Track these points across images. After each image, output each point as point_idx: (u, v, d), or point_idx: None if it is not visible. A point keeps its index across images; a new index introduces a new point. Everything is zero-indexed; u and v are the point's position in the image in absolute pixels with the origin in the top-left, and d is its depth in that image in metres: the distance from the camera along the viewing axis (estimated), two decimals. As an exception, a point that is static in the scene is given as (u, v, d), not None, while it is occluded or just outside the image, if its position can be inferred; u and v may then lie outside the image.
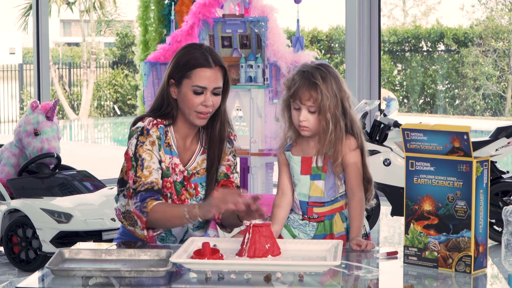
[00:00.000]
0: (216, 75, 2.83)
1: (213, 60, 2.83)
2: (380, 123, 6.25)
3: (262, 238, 2.45)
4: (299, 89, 2.75)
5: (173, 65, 2.87)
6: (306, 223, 2.85)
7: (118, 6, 22.98)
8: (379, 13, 8.19)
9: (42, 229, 5.26)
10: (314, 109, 2.76)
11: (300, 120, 2.77)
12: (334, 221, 2.84)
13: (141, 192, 2.77)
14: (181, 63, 2.84)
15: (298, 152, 2.85)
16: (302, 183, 2.83)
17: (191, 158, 2.91)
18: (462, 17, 20.64)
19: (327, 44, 17.47)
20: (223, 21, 5.95)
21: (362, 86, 8.14)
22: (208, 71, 2.81)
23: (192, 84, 2.81)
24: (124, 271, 2.33)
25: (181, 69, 2.83)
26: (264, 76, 5.92)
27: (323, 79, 2.75)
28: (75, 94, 21.24)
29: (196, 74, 2.81)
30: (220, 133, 2.91)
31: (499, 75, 14.86)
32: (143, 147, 2.80)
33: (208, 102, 2.81)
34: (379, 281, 2.37)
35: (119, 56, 21.64)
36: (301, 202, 2.85)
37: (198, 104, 2.81)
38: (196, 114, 2.83)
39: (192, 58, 2.82)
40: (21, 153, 6.04)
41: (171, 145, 2.87)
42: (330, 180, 2.82)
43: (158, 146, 2.83)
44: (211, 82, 2.82)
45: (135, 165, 2.80)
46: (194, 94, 2.81)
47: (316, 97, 2.74)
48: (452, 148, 2.39)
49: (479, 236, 2.40)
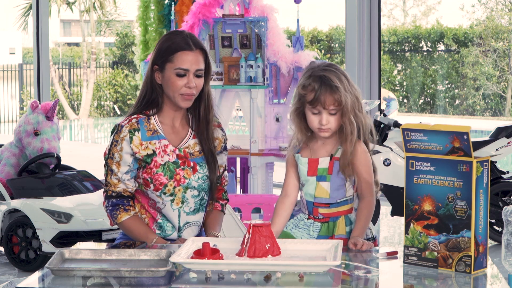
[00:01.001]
0: (197, 57, 2.91)
1: (194, 43, 2.92)
2: (380, 123, 6.25)
3: (262, 238, 2.45)
4: (321, 95, 2.76)
5: (156, 52, 2.96)
6: (311, 223, 2.86)
7: (118, 6, 23.00)
8: (379, 13, 8.19)
9: (42, 229, 5.26)
10: (335, 111, 2.78)
11: (323, 124, 2.79)
12: (338, 223, 2.84)
13: (111, 199, 2.95)
14: (163, 48, 2.93)
15: (307, 154, 2.88)
16: (309, 183, 2.85)
17: (182, 141, 2.98)
18: (462, 17, 20.67)
19: (327, 44, 17.48)
20: (223, 21, 5.96)
21: (362, 86, 8.14)
22: (190, 53, 2.90)
23: (175, 67, 2.90)
24: (124, 271, 2.33)
25: (163, 54, 2.92)
26: (264, 76, 5.93)
27: (340, 81, 2.78)
28: (75, 94, 21.25)
29: (178, 57, 2.90)
30: (205, 115, 3.00)
31: (499, 75, 14.87)
32: (117, 147, 2.91)
33: (191, 83, 2.89)
34: (379, 281, 2.37)
35: (119, 56, 21.65)
36: (307, 202, 2.87)
37: (182, 86, 2.90)
38: (181, 96, 2.91)
39: (173, 43, 2.92)
40: (21, 153, 6.04)
41: (156, 130, 2.94)
42: (336, 181, 2.83)
43: (129, 139, 2.90)
44: (193, 64, 2.90)
45: (107, 168, 2.95)
46: (177, 76, 2.90)
47: (339, 100, 2.76)
48: (452, 148, 2.39)
49: (479, 236, 2.40)
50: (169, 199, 2.93)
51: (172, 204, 2.94)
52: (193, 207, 2.98)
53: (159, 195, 2.92)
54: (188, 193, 2.95)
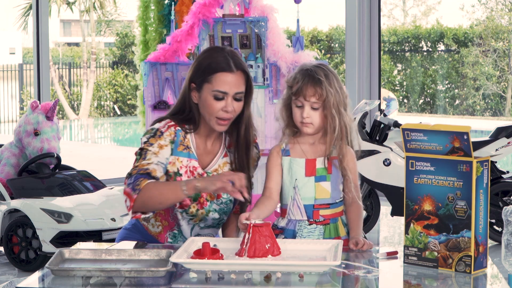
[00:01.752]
0: (237, 79, 2.76)
1: (235, 64, 2.76)
2: (380, 123, 6.25)
3: (262, 238, 2.45)
4: (303, 86, 2.76)
5: (194, 69, 2.80)
6: (315, 228, 2.81)
7: (118, 6, 23.00)
8: (379, 13, 8.20)
9: (42, 229, 5.26)
10: (318, 106, 2.77)
11: (304, 117, 2.77)
12: (339, 225, 2.84)
13: (136, 175, 2.70)
14: (202, 67, 2.77)
15: (300, 155, 2.84)
16: (306, 186, 2.80)
17: (211, 161, 2.87)
18: (462, 17, 20.65)
19: (327, 44, 17.47)
20: (223, 21, 5.95)
21: (362, 86, 8.15)
22: (230, 75, 2.75)
23: (213, 89, 2.74)
24: (124, 271, 2.33)
25: (202, 73, 2.76)
26: (264, 76, 5.92)
27: (326, 76, 2.77)
28: (75, 94, 21.24)
29: (217, 78, 2.74)
30: (246, 138, 2.86)
31: (499, 75, 14.86)
32: (150, 148, 2.75)
33: (229, 107, 2.75)
34: (379, 281, 2.37)
35: (119, 56, 21.64)
36: (306, 206, 2.81)
37: (219, 110, 2.75)
38: (216, 120, 2.77)
39: (213, 62, 2.75)
40: (21, 153, 6.04)
41: (189, 147, 2.82)
42: (335, 181, 2.82)
43: (170, 150, 2.77)
44: (232, 87, 2.75)
45: (138, 158, 2.75)
46: (215, 99, 2.74)
47: (321, 92, 2.75)
48: (452, 148, 2.39)
49: (479, 236, 2.40)
50: (188, 217, 2.88)
51: (189, 221, 2.89)
52: (210, 224, 2.92)
53: (181, 213, 2.86)
54: (209, 215, 2.88)
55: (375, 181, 6.14)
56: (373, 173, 6.13)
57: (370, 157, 6.15)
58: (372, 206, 6.29)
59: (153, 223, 2.91)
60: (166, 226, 2.90)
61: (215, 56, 2.78)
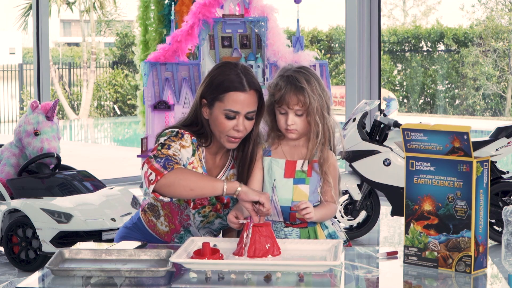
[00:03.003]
0: (250, 99, 2.72)
1: (248, 83, 2.71)
2: (380, 123, 6.25)
3: (262, 238, 2.45)
4: (286, 94, 2.73)
5: (206, 85, 2.76)
6: (291, 230, 2.79)
7: (118, 6, 23.00)
8: (379, 13, 8.20)
9: (42, 229, 5.26)
10: (301, 112, 2.75)
11: (288, 124, 2.76)
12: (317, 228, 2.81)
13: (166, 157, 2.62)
14: (214, 83, 2.72)
15: (281, 156, 2.82)
16: (284, 187, 2.78)
17: (219, 174, 2.85)
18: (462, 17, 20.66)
19: (327, 44, 17.47)
20: (223, 21, 5.96)
21: (362, 86, 8.15)
22: (242, 95, 2.70)
23: (225, 108, 2.70)
24: (124, 271, 2.33)
25: (214, 90, 2.72)
26: (264, 76, 5.93)
27: (308, 82, 2.74)
28: (75, 94, 21.24)
29: (229, 98, 2.70)
30: (251, 155, 2.83)
31: (499, 75, 14.86)
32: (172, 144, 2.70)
33: (240, 127, 2.72)
34: (379, 281, 2.37)
35: (119, 56, 21.64)
36: (282, 207, 2.78)
37: (230, 129, 2.72)
38: (227, 138, 2.74)
39: (226, 79, 2.71)
40: (21, 153, 6.04)
41: (201, 160, 2.80)
42: (314, 184, 2.79)
43: (192, 151, 2.75)
44: (244, 107, 2.71)
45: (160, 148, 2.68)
46: (226, 118, 2.71)
47: (304, 101, 2.73)
48: (452, 148, 2.39)
49: (479, 236, 2.40)
50: (200, 219, 2.88)
51: (199, 224, 2.89)
52: (216, 228, 2.95)
53: (194, 214, 2.85)
54: (217, 220, 2.90)
55: (375, 181, 6.14)
56: (373, 173, 6.13)
57: (370, 157, 6.15)
58: (372, 206, 6.29)
59: (162, 222, 2.92)
60: (173, 228, 2.91)
61: (228, 73, 2.72)
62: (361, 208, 6.23)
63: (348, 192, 6.22)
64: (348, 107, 8.14)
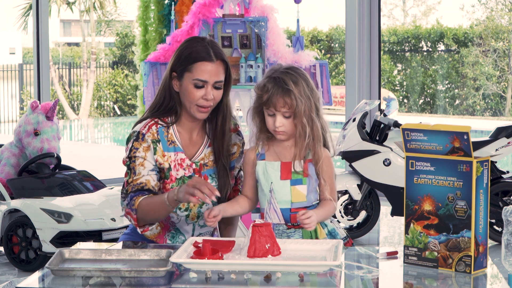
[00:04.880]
0: (217, 69, 2.83)
1: (215, 53, 2.83)
2: (380, 123, 6.25)
3: (262, 238, 2.45)
4: (273, 96, 2.73)
5: (175, 58, 2.87)
6: (293, 231, 2.79)
7: (118, 6, 23.02)
8: (379, 13, 8.20)
9: (42, 229, 5.26)
10: (289, 114, 2.74)
11: (277, 126, 2.75)
12: (317, 227, 2.81)
13: (130, 193, 2.81)
14: (183, 56, 2.85)
15: (275, 158, 2.81)
16: (282, 189, 2.77)
17: (197, 151, 2.91)
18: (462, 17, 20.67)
19: (327, 44, 17.48)
20: (223, 21, 5.95)
21: (362, 86, 8.14)
22: (209, 65, 2.81)
23: (193, 78, 2.81)
24: (124, 271, 2.33)
25: (183, 62, 2.84)
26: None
27: (295, 84, 2.73)
28: (75, 94, 21.25)
29: (197, 67, 2.81)
30: (222, 126, 2.92)
31: (499, 75, 14.87)
32: (137, 154, 2.83)
33: (208, 95, 2.81)
34: (379, 281, 2.37)
35: (119, 56, 21.65)
36: (282, 210, 2.78)
37: (199, 98, 2.82)
38: (196, 108, 2.83)
39: (194, 51, 2.83)
40: (21, 153, 6.03)
41: (174, 141, 2.87)
42: (311, 184, 2.79)
43: (153, 150, 2.84)
44: (212, 76, 2.82)
45: (129, 172, 2.84)
46: (195, 87, 2.82)
47: (290, 103, 2.72)
48: (452, 148, 2.39)
49: (479, 236, 2.40)
50: (184, 214, 2.89)
51: (187, 219, 2.90)
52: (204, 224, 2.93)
53: (175, 211, 2.87)
54: (203, 208, 2.90)
55: (375, 181, 6.14)
56: (373, 173, 6.13)
57: (370, 157, 6.15)
58: (372, 206, 6.29)
59: (151, 228, 2.91)
60: (164, 228, 2.92)
61: (195, 45, 2.85)
62: (361, 208, 6.23)
63: (348, 192, 6.22)
64: (348, 107, 8.14)
